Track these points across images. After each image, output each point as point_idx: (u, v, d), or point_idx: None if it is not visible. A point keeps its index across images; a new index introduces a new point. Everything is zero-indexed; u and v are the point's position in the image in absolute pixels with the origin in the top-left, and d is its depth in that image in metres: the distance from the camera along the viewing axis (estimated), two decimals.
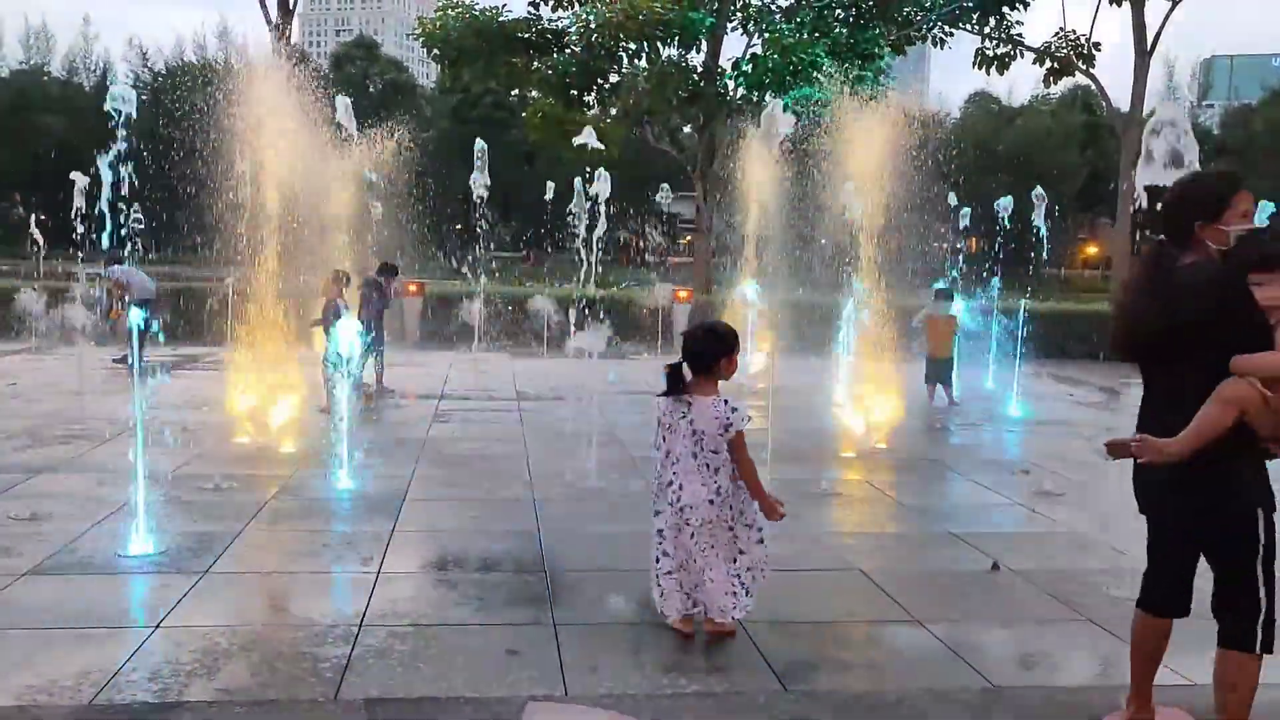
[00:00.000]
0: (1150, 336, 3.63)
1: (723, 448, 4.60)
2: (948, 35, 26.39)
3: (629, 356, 16.34)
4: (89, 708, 3.82)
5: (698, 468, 4.61)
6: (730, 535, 4.68)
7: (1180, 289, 3.52)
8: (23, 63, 66.76)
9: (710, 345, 4.66)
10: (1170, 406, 3.53)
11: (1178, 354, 3.53)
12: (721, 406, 4.59)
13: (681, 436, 4.63)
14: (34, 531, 6.10)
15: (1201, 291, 3.48)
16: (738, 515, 4.69)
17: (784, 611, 5.12)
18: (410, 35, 33.30)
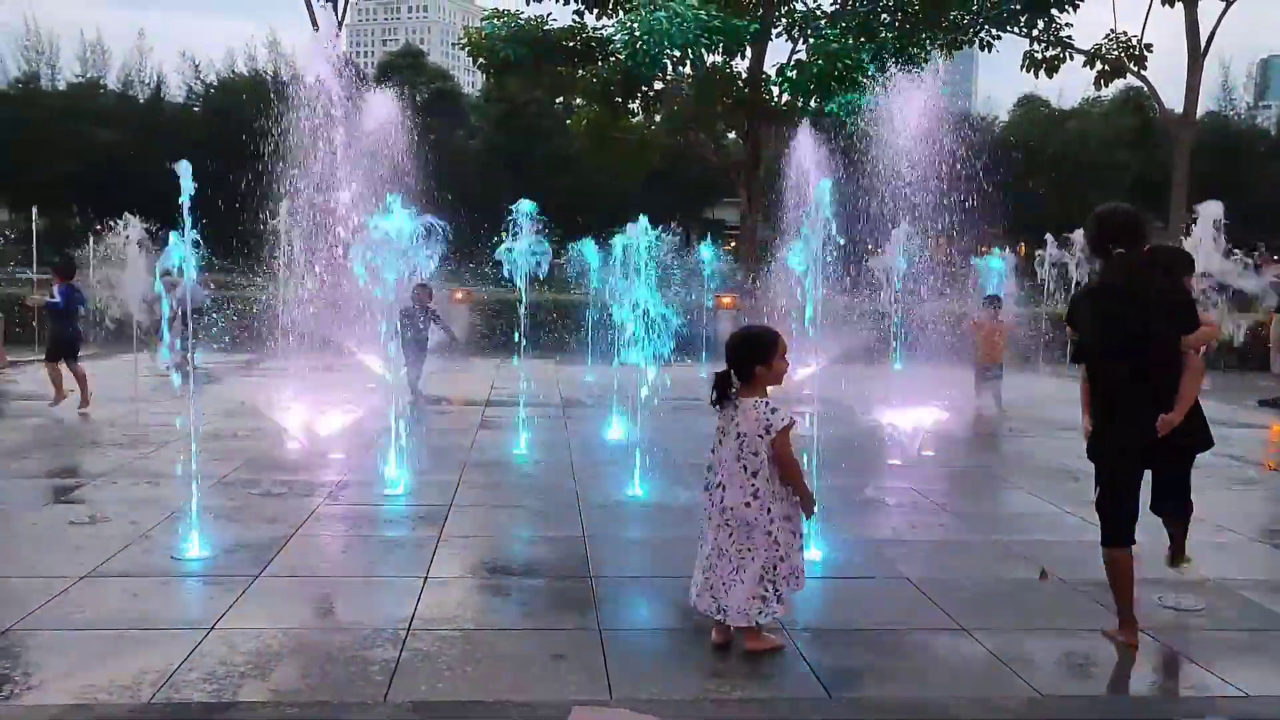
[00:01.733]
0: (1148, 338, 4.71)
1: (762, 449, 4.61)
2: (995, 39, 26.11)
3: (675, 363, 16.35)
4: (147, 707, 3.92)
5: (739, 470, 4.63)
6: (769, 539, 4.64)
7: (1181, 305, 4.85)
8: (79, 76, 68.22)
9: (746, 352, 4.69)
10: (1162, 386, 4.77)
11: (1168, 348, 4.75)
12: (762, 408, 4.62)
13: (729, 440, 4.67)
14: (92, 535, 6.25)
15: (1190, 306, 4.92)
16: (781, 519, 4.67)
17: (830, 619, 5.11)
18: (456, 44, 33.63)
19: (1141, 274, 4.77)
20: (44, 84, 66.76)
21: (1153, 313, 4.71)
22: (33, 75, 66.39)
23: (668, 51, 20.92)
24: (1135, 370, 4.75)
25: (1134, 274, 4.75)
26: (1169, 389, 4.77)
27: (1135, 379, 4.76)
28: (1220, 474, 8.71)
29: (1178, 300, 4.86)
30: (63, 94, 66.72)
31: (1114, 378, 4.83)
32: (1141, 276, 4.76)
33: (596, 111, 25.07)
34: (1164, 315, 4.73)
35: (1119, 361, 4.77)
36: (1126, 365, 4.75)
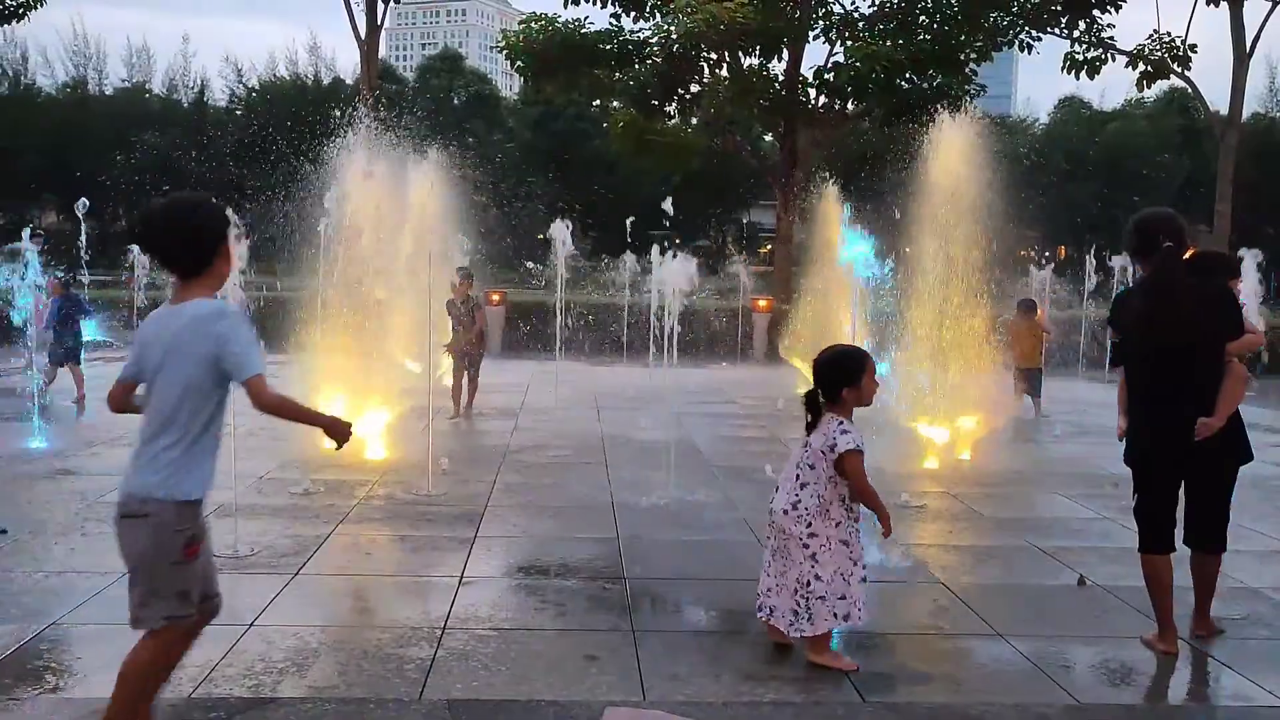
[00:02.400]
0: (1194, 339, 4.66)
1: (820, 465, 4.53)
2: (1035, 40, 25.84)
3: (709, 366, 16.35)
4: (189, 701, 3.98)
5: (791, 476, 4.63)
6: (805, 554, 4.55)
7: (1229, 307, 4.79)
8: (125, 81, 69.35)
9: (835, 374, 4.62)
10: (1204, 389, 4.66)
11: (1213, 350, 4.69)
12: (834, 425, 4.53)
13: (797, 446, 4.69)
14: None
15: (1238, 309, 4.86)
16: (832, 541, 4.55)
17: (868, 623, 5.08)
18: (494, 48, 33.82)
19: (1189, 274, 4.74)
20: (91, 89, 67.90)
21: (1201, 313, 4.66)
22: (81, 80, 67.55)
23: (704, 54, 20.94)
24: (1178, 372, 4.67)
25: (1182, 273, 4.71)
26: (1210, 393, 4.66)
27: (1177, 380, 4.68)
28: (1266, 484, 8.57)
29: (1226, 303, 4.79)
30: (110, 98, 67.86)
31: (1155, 379, 4.74)
32: (1190, 276, 4.73)
33: (633, 114, 25.12)
34: (1212, 316, 4.69)
35: (1162, 362, 4.70)
36: (1169, 366, 4.68)
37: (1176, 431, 4.67)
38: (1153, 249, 4.75)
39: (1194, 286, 4.71)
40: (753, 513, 7.42)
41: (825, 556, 4.54)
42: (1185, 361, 4.66)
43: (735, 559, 6.29)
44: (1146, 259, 4.83)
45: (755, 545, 6.54)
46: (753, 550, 6.43)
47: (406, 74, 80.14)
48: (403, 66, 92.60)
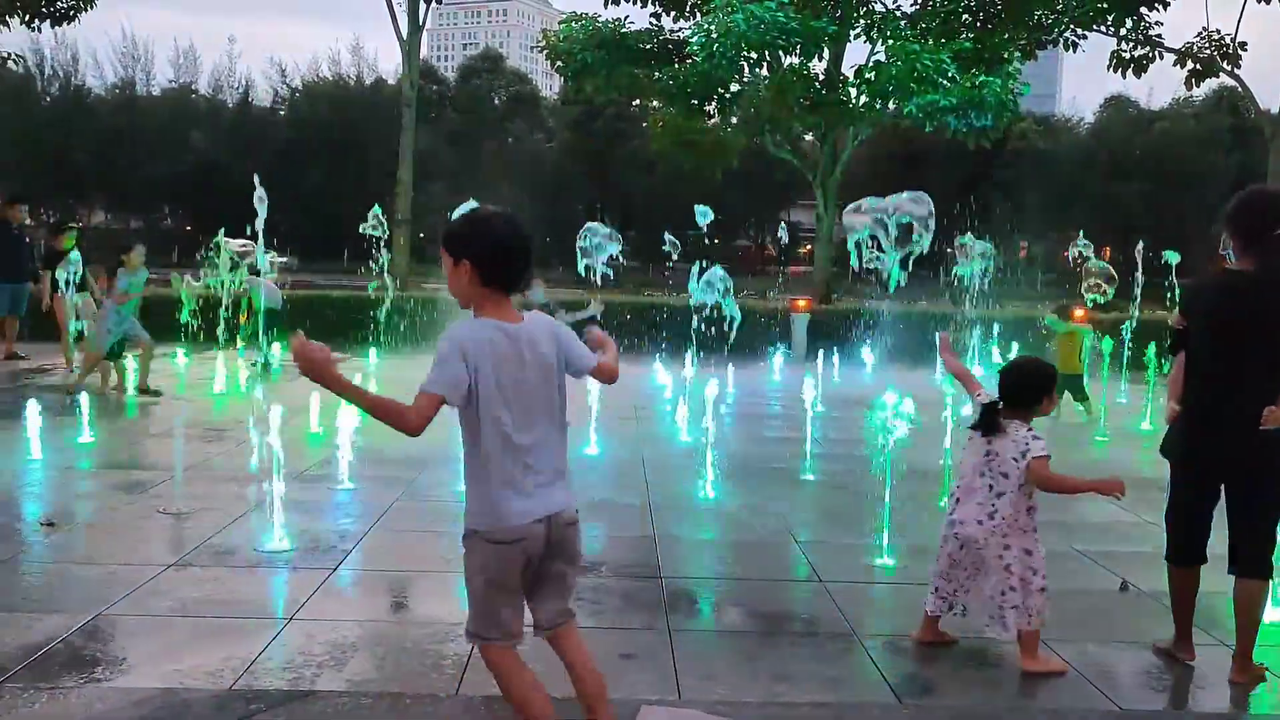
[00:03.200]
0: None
1: (1014, 473, 4.54)
2: (1081, 38, 25.51)
3: (747, 366, 16.31)
4: (230, 693, 4.04)
5: (980, 487, 4.60)
6: (1000, 564, 4.56)
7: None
8: (172, 82, 70.42)
9: (1039, 384, 4.68)
10: (1261, 378, 4.32)
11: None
12: (1024, 432, 4.57)
13: (974, 455, 4.65)
14: (178, 526, 6.45)
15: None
16: (1020, 550, 4.59)
17: (903, 625, 5.05)
18: (534, 48, 33.94)
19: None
20: (139, 90, 68.92)
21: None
22: (129, 81, 68.59)
23: (744, 54, 20.88)
24: (1260, 367, 4.33)
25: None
26: (1274, 394, 4.29)
27: (1258, 376, 4.33)
28: None
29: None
30: (156, 99, 68.87)
31: (1229, 372, 4.38)
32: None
33: (673, 114, 25.11)
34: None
35: (1246, 355, 4.35)
36: (1255, 360, 4.34)
37: (1236, 428, 4.33)
38: (1261, 233, 4.36)
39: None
40: (790, 514, 7.40)
41: (1017, 566, 4.57)
42: (1265, 358, 4.34)
43: (771, 560, 6.27)
44: (1251, 243, 4.41)
45: (792, 547, 6.53)
46: (789, 552, 6.42)
47: (448, 74, 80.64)
48: (444, 67, 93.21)
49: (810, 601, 5.52)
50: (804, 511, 7.66)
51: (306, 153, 63.36)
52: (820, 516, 7.55)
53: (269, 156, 64.05)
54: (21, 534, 6.18)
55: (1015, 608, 4.55)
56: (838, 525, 7.16)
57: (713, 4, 21.13)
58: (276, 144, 65.64)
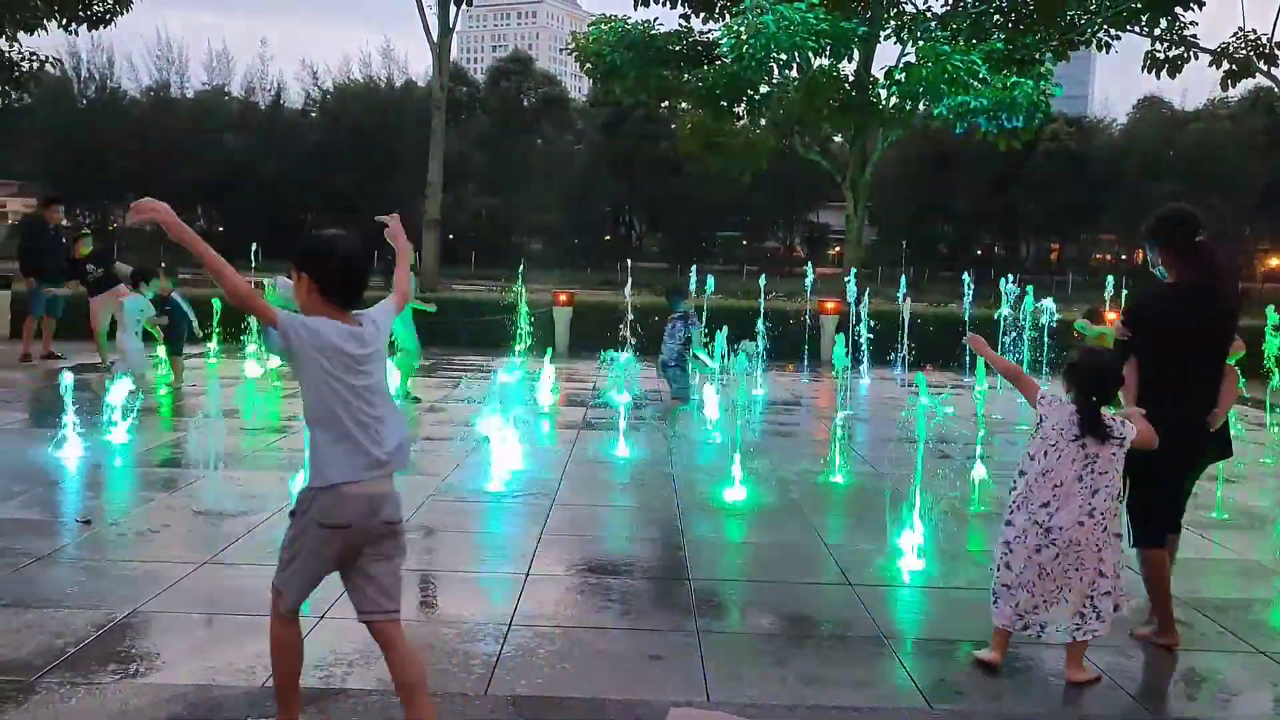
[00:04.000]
0: (1227, 341, 5.00)
1: (1112, 468, 4.47)
2: (1114, 38, 25.25)
3: (778, 369, 16.26)
4: (261, 690, 4.08)
5: (1079, 490, 4.46)
6: (1096, 556, 4.49)
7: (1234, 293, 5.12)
8: (205, 84, 71.16)
9: (1118, 378, 4.61)
10: (1209, 380, 4.93)
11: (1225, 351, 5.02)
12: (1116, 425, 4.48)
13: (1069, 460, 4.46)
14: (213, 523, 6.52)
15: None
16: (1112, 536, 4.54)
17: (936, 630, 5.04)
18: (564, 50, 34.01)
19: (1230, 277, 5.06)
20: (173, 92, 69.61)
21: (1233, 317, 5.05)
22: (163, 83, 69.30)
23: (774, 55, 20.83)
24: (1212, 371, 4.94)
25: (1225, 277, 4.98)
26: (1216, 391, 4.98)
27: (1207, 380, 4.93)
28: None
29: (1233, 300, 5.11)
30: (190, 101, 69.57)
31: (1196, 377, 4.88)
32: (1231, 279, 5.04)
33: (702, 115, 25.08)
34: (1235, 320, 5.06)
35: (1203, 360, 4.89)
36: (1208, 365, 4.91)
37: (1204, 427, 4.93)
38: (1184, 244, 4.89)
39: (1234, 292, 5.07)
40: (818, 518, 7.38)
41: (1109, 553, 4.52)
42: (1218, 361, 4.96)
43: (800, 563, 6.25)
44: (1178, 255, 4.91)
45: (820, 549, 6.51)
46: (817, 555, 6.41)
47: (477, 76, 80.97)
48: (473, 69, 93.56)
49: (839, 604, 5.50)
50: (832, 514, 7.64)
51: (337, 155, 63.84)
52: (848, 519, 7.53)
53: (299, 158, 64.70)
54: (59, 531, 6.26)
55: (1108, 594, 4.49)
56: (866, 528, 7.13)
57: (742, 5, 21.09)
58: (307, 146, 66.22)
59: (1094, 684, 4.48)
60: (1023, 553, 4.50)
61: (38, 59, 23.28)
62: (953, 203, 64.24)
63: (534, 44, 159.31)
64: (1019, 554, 4.52)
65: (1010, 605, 4.54)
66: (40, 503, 6.97)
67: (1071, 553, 4.47)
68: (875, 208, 37.83)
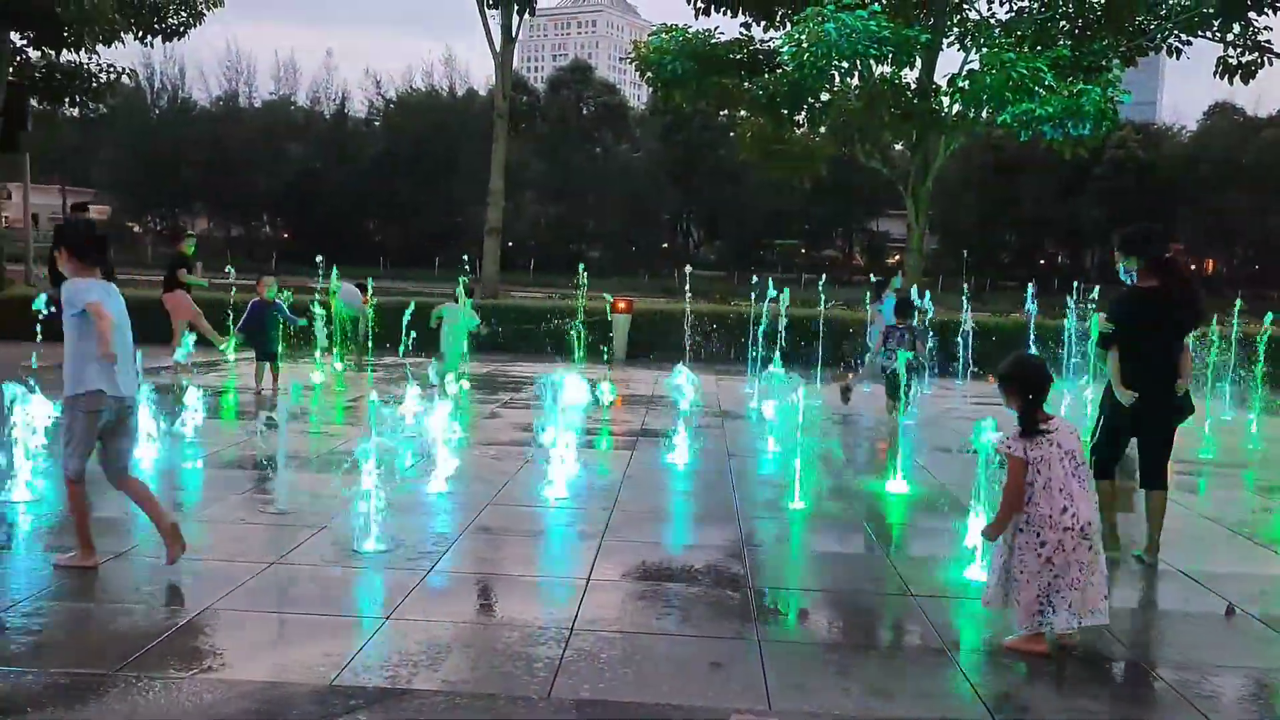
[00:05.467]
0: (1186, 331, 6.52)
1: (1079, 451, 4.88)
2: (1185, 44, 24.71)
3: (834, 377, 16.17)
4: (330, 688, 4.15)
5: (1079, 486, 4.81)
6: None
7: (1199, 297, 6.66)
8: (272, 93, 72.62)
9: (1047, 377, 4.99)
10: (1172, 358, 6.40)
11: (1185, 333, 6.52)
12: (1070, 423, 4.94)
13: (1056, 463, 4.80)
14: (280, 524, 6.65)
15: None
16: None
17: (998, 641, 4.97)
18: (624, 59, 34.16)
19: (1186, 283, 6.52)
20: (241, 102, 71.09)
21: (1195, 312, 6.56)
22: (232, 94, 70.81)
23: (836, 63, 20.69)
24: (1173, 352, 6.40)
25: (1186, 282, 6.51)
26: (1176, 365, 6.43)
27: (1169, 357, 6.37)
28: None
29: (1197, 300, 6.61)
30: (257, 111, 71.02)
31: (1164, 358, 6.35)
32: (1187, 285, 6.50)
33: (761, 123, 25.00)
34: (1191, 313, 6.54)
35: (1168, 345, 6.37)
36: (1170, 348, 6.38)
37: (1172, 394, 6.40)
38: (1156, 258, 6.34)
39: (1194, 294, 6.54)
40: (877, 526, 7.33)
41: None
42: (1177, 344, 6.43)
43: (860, 571, 6.22)
44: (1151, 266, 6.34)
45: (880, 558, 6.47)
46: (878, 563, 6.36)
47: (538, 85, 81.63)
48: (533, 78, 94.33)
49: (901, 614, 5.46)
50: (893, 523, 7.58)
51: (399, 163, 64.72)
52: (909, 528, 7.46)
53: (362, 167, 65.73)
54: (133, 529, 6.43)
55: (1105, 576, 4.90)
56: (927, 537, 7.07)
57: (804, 14, 21.00)
58: (370, 154, 67.26)
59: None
60: (1061, 559, 4.74)
61: (114, 70, 23.93)
62: (1015, 210, 63.32)
63: (593, 53, 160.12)
64: (1061, 561, 4.74)
65: (1066, 609, 4.74)
66: (115, 501, 7.15)
67: (1096, 538, 4.83)
68: (936, 216, 37.45)
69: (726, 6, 24.50)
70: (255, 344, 12.60)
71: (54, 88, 23.56)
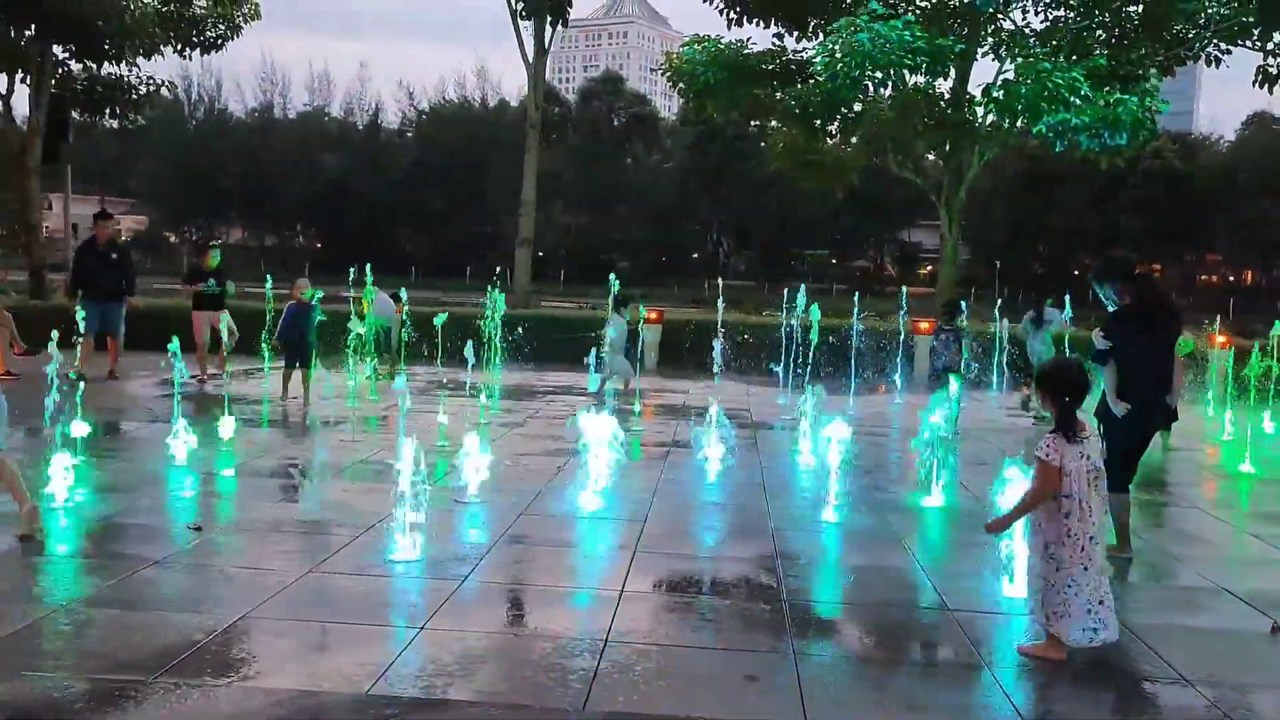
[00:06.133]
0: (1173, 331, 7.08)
1: (1103, 469, 4.94)
2: (1225, 53, 24.42)
3: (871, 389, 16.08)
4: (367, 697, 4.16)
5: (1100, 499, 4.90)
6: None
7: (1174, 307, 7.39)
8: (306, 105, 73.40)
9: (1087, 381, 5.04)
10: (1165, 370, 7.00)
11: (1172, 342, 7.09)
12: (1098, 434, 5.09)
13: (1083, 476, 4.82)
14: (316, 534, 6.69)
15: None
16: None
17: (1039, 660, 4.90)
18: (655, 70, 34.22)
19: (1166, 299, 7.18)
20: (276, 113, 71.84)
21: (1172, 325, 7.08)
22: (267, 105, 71.57)
23: (869, 73, 20.62)
24: (1165, 365, 6.98)
25: (1160, 294, 7.08)
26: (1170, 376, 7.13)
27: (1161, 369, 6.90)
28: None
29: (1176, 311, 7.30)
30: (292, 122, 71.74)
31: (1154, 370, 6.82)
32: (1166, 301, 7.16)
33: (793, 133, 24.96)
34: (1175, 326, 7.12)
35: (1158, 359, 6.86)
36: (1161, 362, 6.91)
37: (1162, 400, 7.04)
38: (1130, 280, 6.95)
39: (1176, 310, 7.28)
40: (912, 540, 7.26)
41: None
42: (1168, 356, 7.03)
43: (896, 585, 6.15)
44: (1129, 285, 6.92)
45: (916, 571, 6.41)
46: (914, 577, 6.30)
47: (569, 96, 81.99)
48: (565, 89, 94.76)
49: (937, 629, 5.40)
50: (928, 537, 7.51)
51: (431, 174, 65.19)
52: (945, 542, 7.39)
53: (395, 177, 66.24)
54: (171, 537, 6.49)
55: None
56: (963, 552, 7.00)
57: (837, 24, 20.95)
58: (403, 165, 67.78)
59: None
60: (1083, 575, 4.80)
61: (154, 83, 24.26)
62: (1048, 221, 62.75)
63: (624, 64, 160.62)
64: (1084, 579, 4.81)
65: (1095, 623, 4.79)
66: (153, 509, 7.23)
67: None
68: (968, 226, 37.20)
69: (759, 17, 24.49)
70: (289, 350, 12.48)
71: (95, 100, 23.91)
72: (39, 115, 21.48)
